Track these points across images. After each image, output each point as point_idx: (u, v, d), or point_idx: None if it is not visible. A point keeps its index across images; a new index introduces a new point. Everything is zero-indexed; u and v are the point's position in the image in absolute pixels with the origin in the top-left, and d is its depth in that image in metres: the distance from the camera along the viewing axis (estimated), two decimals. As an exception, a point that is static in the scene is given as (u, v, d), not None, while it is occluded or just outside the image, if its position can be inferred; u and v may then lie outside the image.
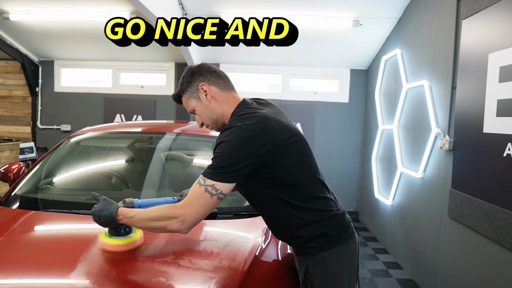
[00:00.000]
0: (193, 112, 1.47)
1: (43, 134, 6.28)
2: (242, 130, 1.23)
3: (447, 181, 2.90)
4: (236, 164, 1.22)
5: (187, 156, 2.40)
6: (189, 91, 1.43)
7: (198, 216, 1.23)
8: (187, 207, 1.22)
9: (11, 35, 5.46)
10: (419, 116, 3.54)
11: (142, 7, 3.33)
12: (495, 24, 2.35)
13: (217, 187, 1.22)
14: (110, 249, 1.37)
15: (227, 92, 1.44)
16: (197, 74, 1.42)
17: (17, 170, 2.33)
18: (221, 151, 1.24)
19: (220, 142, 1.26)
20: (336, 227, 1.36)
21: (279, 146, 1.27)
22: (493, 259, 2.30)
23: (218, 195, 1.23)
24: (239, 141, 1.23)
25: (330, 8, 4.27)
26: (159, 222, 1.24)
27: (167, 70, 6.07)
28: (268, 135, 1.25)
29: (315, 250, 1.34)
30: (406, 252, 3.74)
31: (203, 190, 1.22)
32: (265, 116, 1.30)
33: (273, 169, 1.27)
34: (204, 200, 1.22)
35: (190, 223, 1.23)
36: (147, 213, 1.27)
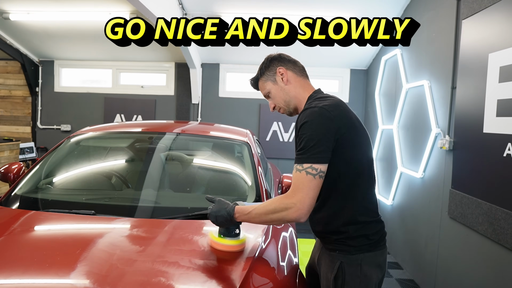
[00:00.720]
0: (267, 95, 1.55)
1: (43, 134, 6.28)
2: (324, 110, 1.31)
3: (447, 181, 2.90)
4: (324, 143, 1.28)
5: (187, 156, 2.40)
6: (267, 74, 1.53)
7: (310, 199, 1.27)
8: (297, 194, 1.26)
9: (11, 35, 5.46)
10: (419, 116, 3.54)
11: (142, 7, 3.33)
12: (495, 24, 2.35)
13: (315, 167, 1.27)
14: (224, 249, 1.44)
15: (302, 78, 1.54)
16: (276, 60, 1.53)
17: (17, 170, 2.33)
18: (306, 132, 1.30)
19: (304, 123, 1.32)
20: (379, 232, 1.42)
21: (355, 129, 1.36)
22: (493, 259, 2.30)
23: (319, 174, 1.28)
24: (322, 119, 1.30)
25: (329, 8, 4.27)
26: (276, 214, 1.29)
27: (167, 70, 6.07)
28: (345, 118, 1.34)
29: (354, 250, 1.37)
30: (406, 252, 3.74)
31: (305, 174, 1.27)
32: (342, 102, 1.40)
33: (345, 150, 1.33)
34: (309, 182, 1.26)
35: (306, 208, 1.26)
36: (263, 208, 1.32)
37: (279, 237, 1.73)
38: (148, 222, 1.70)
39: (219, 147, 2.52)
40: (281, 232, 1.80)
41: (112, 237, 1.53)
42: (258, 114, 5.89)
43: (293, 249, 1.71)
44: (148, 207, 1.89)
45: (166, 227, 1.63)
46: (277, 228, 1.81)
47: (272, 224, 1.44)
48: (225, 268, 1.36)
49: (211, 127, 2.90)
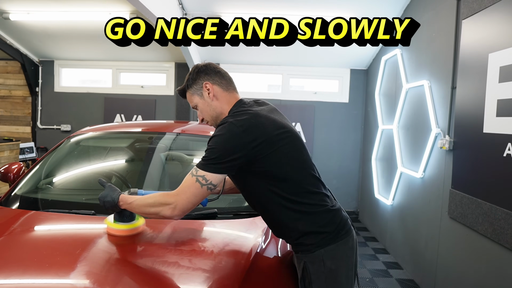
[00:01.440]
0: (195, 107, 1.54)
1: (43, 134, 6.28)
2: (233, 125, 1.31)
3: (447, 181, 2.90)
4: (226, 157, 1.29)
5: (187, 156, 2.40)
6: (194, 88, 1.51)
7: (189, 204, 1.31)
8: (179, 195, 1.31)
9: (11, 35, 5.46)
10: (419, 116, 3.54)
11: (142, 7, 3.33)
12: (495, 24, 2.35)
13: (207, 177, 1.30)
14: (114, 233, 1.48)
15: (228, 92, 1.51)
16: (202, 72, 1.51)
17: (17, 170, 2.33)
18: (212, 144, 1.32)
19: (213, 136, 1.34)
20: (331, 222, 1.39)
21: (269, 141, 1.32)
22: (493, 259, 2.30)
23: (208, 185, 1.30)
24: (230, 135, 1.30)
25: (329, 8, 4.27)
26: (153, 208, 1.33)
27: (167, 70, 6.07)
28: (257, 130, 1.32)
29: (312, 247, 1.36)
30: (406, 252, 3.74)
31: (194, 180, 1.30)
32: (256, 113, 1.37)
33: (264, 163, 1.33)
34: (195, 189, 1.30)
35: (181, 210, 1.31)
36: (144, 200, 1.37)
37: (279, 237, 1.73)
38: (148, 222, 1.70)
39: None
40: (281, 232, 1.79)
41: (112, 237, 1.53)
42: (258, 114, 5.89)
43: (293, 249, 1.71)
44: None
45: (166, 227, 1.64)
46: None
47: (150, 217, 1.43)
48: (225, 268, 1.36)
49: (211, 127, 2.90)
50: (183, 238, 1.55)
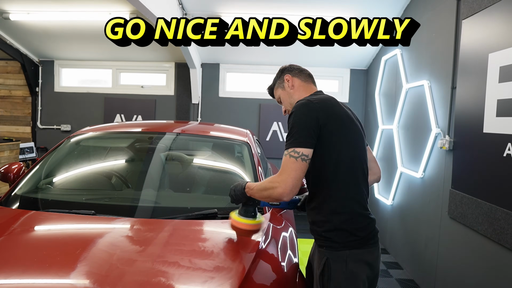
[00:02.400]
0: (279, 100, 1.76)
1: (43, 134, 6.28)
2: (309, 101, 1.47)
3: (447, 181, 2.90)
4: (306, 129, 1.40)
5: (187, 156, 2.40)
6: (278, 83, 1.76)
7: (293, 180, 1.37)
8: (282, 175, 1.38)
9: (11, 35, 5.46)
10: (419, 116, 3.54)
11: (142, 7, 3.33)
12: (495, 24, 2.35)
13: (297, 150, 1.39)
14: (239, 226, 1.60)
15: (306, 83, 1.72)
16: (285, 70, 1.75)
17: (17, 170, 2.33)
18: (291, 121, 1.44)
19: (291, 113, 1.46)
20: (365, 229, 1.43)
21: (337, 122, 1.45)
22: (493, 259, 2.30)
23: (301, 156, 1.38)
24: (306, 108, 1.44)
25: (330, 8, 4.27)
26: (266, 191, 1.43)
27: (167, 70, 6.07)
28: (330, 109, 1.47)
29: (339, 246, 1.40)
30: (406, 252, 3.74)
31: (288, 157, 1.39)
32: (332, 98, 1.55)
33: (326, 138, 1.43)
34: (292, 164, 1.38)
35: (288, 187, 1.36)
36: (260, 185, 1.48)
37: (279, 237, 1.73)
38: (148, 222, 1.70)
39: (219, 147, 2.52)
40: (281, 232, 1.80)
41: (112, 237, 1.53)
42: (258, 114, 5.89)
43: (293, 249, 1.72)
44: (148, 207, 1.89)
45: (166, 227, 1.64)
46: (277, 228, 1.81)
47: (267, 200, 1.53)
48: (225, 268, 1.36)
49: (211, 127, 2.90)
50: (183, 238, 1.55)
